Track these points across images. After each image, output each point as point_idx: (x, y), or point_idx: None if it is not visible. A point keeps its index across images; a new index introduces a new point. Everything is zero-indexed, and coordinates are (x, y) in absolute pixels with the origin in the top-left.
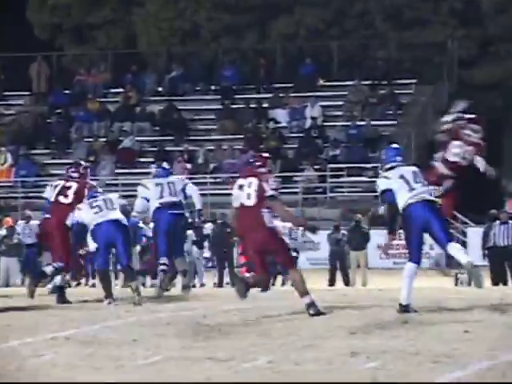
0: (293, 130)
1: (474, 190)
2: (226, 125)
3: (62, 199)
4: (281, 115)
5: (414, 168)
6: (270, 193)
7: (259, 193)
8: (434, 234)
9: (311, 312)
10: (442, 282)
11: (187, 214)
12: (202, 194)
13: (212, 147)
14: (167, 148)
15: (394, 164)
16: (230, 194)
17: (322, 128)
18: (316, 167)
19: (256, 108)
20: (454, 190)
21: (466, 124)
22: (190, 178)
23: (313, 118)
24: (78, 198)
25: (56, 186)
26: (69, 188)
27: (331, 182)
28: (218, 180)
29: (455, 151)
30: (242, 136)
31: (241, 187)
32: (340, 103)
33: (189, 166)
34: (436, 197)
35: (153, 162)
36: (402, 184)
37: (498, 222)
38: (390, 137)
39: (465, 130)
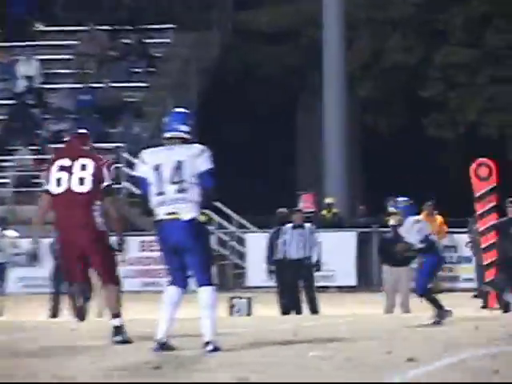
0: None
1: (258, 183)
2: None
3: None
4: None
5: (189, 152)
6: (108, 182)
7: (96, 179)
8: (188, 265)
9: (117, 339)
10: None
11: None
12: None
13: None
14: None
15: (171, 134)
16: None
17: (41, 92)
18: (32, 148)
19: None
20: None
21: None
22: None
23: (27, 78)
24: None
25: None
26: None
27: None
28: None
29: None
30: None
31: (64, 169)
32: (67, 57)
33: None
34: None
35: None
36: (154, 179)
37: (289, 225)
38: (139, 104)
39: None
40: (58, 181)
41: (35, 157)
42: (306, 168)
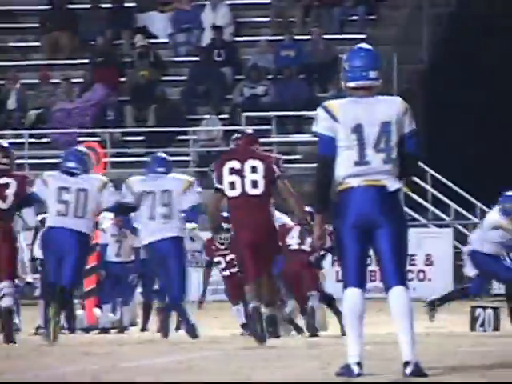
0: (180, 49)
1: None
2: (56, 39)
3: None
4: (158, 23)
5: (394, 110)
6: (277, 173)
7: (268, 178)
8: (379, 253)
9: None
10: None
11: None
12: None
13: (31, 80)
14: None
15: (357, 84)
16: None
17: (233, 46)
18: (222, 117)
19: (113, 9)
20: None
21: None
22: None
23: (215, 29)
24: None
25: None
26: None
27: None
28: (42, 140)
29: None
30: (85, 60)
31: (237, 172)
32: (264, 1)
33: None
34: None
35: None
36: (350, 143)
37: None
38: None
39: None
40: (232, 184)
41: (224, 128)
42: None
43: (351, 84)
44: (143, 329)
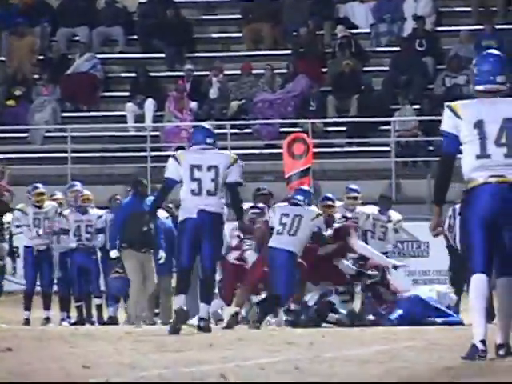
0: (381, 39)
1: None
2: (258, 30)
3: None
4: (360, 13)
5: None
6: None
7: None
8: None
9: None
10: None
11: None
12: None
13: (233, 71)
14: (154, 70)
15: (485, 87)
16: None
17: (435, 36)
18: (416, 107)
19: (315, 0)
20: None
21: None
22: (193, 128)
23: (417, 19)
24: None
25: None
26: None
27: None
28: (244, 131)
29: None
30: (286, 50)
31: None
32: None
33: (193, 105)
34: None
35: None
36: (473, 138)
37: None
38: None
39: None
40: None
41: (419, 118)
42: None
43: (479, 87)
44: None
